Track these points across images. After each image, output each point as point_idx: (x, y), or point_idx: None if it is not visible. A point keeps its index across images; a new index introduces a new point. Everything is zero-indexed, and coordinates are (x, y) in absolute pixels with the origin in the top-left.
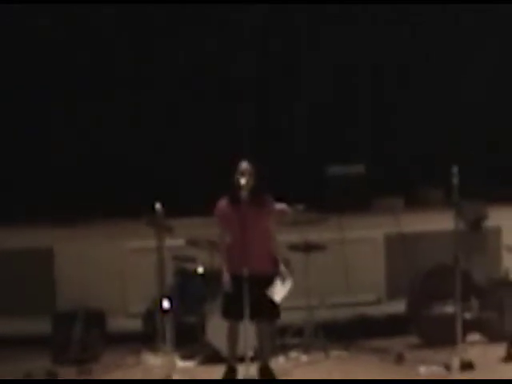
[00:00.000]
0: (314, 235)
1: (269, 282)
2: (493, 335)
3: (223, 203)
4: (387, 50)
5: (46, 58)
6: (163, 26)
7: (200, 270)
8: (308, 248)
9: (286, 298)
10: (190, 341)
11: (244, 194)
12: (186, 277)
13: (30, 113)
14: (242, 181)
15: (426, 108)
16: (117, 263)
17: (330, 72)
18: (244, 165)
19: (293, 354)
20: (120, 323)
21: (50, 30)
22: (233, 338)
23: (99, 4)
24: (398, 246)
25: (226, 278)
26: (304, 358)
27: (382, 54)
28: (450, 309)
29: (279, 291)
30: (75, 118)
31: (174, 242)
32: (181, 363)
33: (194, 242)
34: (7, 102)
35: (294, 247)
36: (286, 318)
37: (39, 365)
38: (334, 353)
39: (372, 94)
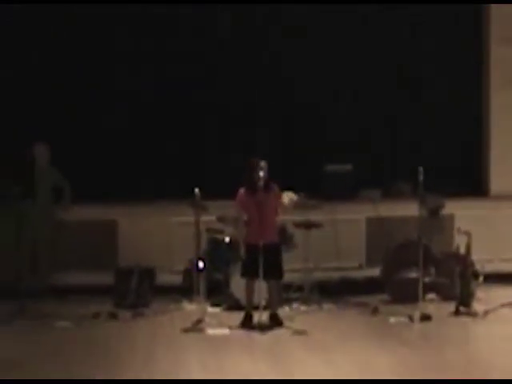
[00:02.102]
0: (313, 216)
1: (277, 249)
2: (445, 295)
3: (242, 191)
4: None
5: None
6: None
7: (226, 239)
8: (308, 226)
9: (291, 262)
10: (217, 293)
11: (260, 183)
12: (215, 244)
13: (103, 104)
14: (261, 174)
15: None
16: (165, 232)
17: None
18: (263, 163)
19: (294, 305)
20: (166, 278)
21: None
22: (250, 291)
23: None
24: (376, 226)
25: (243, 247)
26: (303, 308)
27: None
28: (413, 274)
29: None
30: (139, 110)
31: (208, 218)
32: (210, 309)
33: (223, 218)
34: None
35: (298, 225)
36: (289, 278)
37: (104, 308)
38: (326, 305)
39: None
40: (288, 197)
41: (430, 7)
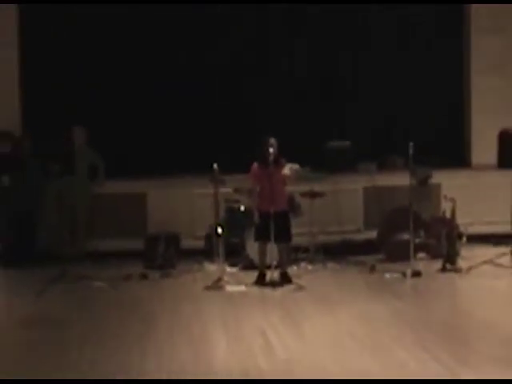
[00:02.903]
0: (317, 187)
1: (286, 216)
2: (433, 254)
3: (255, 166)
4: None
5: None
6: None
7: (242, 208)
8: (313, 195)
9: (299, 227)
10: (234, 255)
11: (270, 158)
12: (232, 213)
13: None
14: (271, 150)
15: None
16: (188, 203)
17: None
18: (272, 140)
19: (302, 265)
20: (189, 243)
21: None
22: (262, 253)
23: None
24: (372, 194)
25: (257, 215)
26: (309, 267)
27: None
28: (405, 236)
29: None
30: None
31: (225, 190)
32: (228, 269)
33: (238, 190)
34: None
35: (303, 194)
36: (297, 241)
37: (135, 270)
38: (329, 264)
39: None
40: (288, 167)
41: (430, 7)
